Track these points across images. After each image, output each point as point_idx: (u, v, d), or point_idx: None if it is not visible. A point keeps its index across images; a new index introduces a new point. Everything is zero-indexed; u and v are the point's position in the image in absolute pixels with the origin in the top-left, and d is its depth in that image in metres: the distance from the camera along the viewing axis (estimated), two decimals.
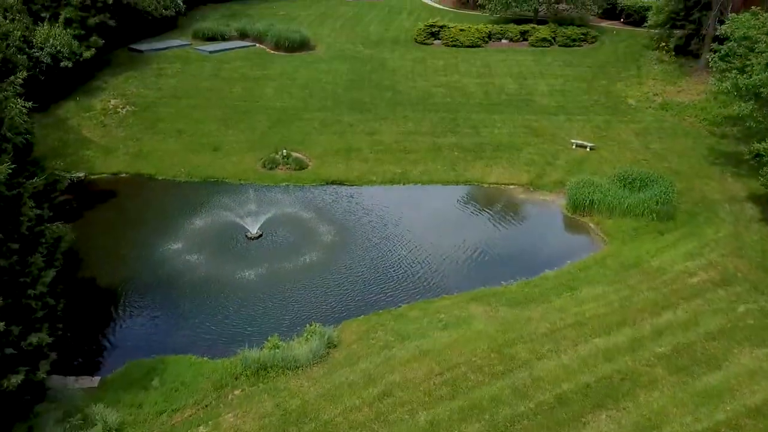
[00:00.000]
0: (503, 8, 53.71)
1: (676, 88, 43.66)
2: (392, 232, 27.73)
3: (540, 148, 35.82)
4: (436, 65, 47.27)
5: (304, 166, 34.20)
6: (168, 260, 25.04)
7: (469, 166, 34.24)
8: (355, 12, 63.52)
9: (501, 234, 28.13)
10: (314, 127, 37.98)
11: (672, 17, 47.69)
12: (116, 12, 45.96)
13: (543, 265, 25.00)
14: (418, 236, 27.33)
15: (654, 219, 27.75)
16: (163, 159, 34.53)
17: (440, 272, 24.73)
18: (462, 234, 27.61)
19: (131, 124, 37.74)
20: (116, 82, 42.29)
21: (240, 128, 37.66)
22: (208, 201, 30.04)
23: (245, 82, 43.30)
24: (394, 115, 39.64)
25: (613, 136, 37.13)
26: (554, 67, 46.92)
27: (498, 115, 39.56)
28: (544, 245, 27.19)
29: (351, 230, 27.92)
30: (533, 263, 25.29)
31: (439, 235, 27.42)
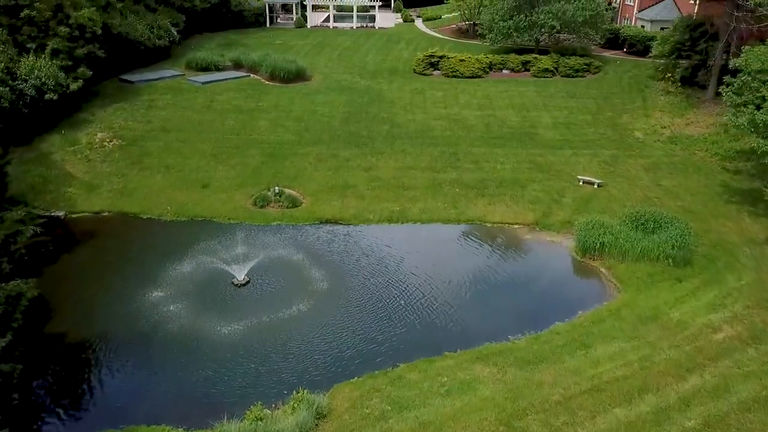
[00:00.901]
0: (504, 38, 52.56)
1: (684, 120, 42.16)
2: (390, 278, 25.83)
3: (545, 184, 34.11)
4: (436, 97, 45.87)
5: (298, 204, 32.45)
6: (146, 312, 23.08)
7: (471, 204, 32.50)
8: (353, 41, 62.48)
9: (506, 280, 26.23)
10: (309, 162, 36.34)
11: (678, 47, 46.54)
12: (106, 42, 44.77)
13: (552, 315, 23.09)
14: (418, 283, 25.44)
15: (670, 264, 25.89)
16: (148, 196, 32.79)
17: (442, 325, 22.78)
18: (465, 279, 25.75)
19: (117, 159, 36.08)
20: (104, 114, 40.77)
21: (231, 163, 36.00)
22: (193, 243, 28.18)
23: (238, 114, 41.79)
24: (391, 149, 38.03)
25: (621, 172, 35.45)
26: (557, 99, 45.50)
27: (500, 149, 37.96)
28: (553, 293, 25.27)
29: (345, 275, 26.03)
30: (542, 314, 23.37)
31: (440, 281, 25.54)
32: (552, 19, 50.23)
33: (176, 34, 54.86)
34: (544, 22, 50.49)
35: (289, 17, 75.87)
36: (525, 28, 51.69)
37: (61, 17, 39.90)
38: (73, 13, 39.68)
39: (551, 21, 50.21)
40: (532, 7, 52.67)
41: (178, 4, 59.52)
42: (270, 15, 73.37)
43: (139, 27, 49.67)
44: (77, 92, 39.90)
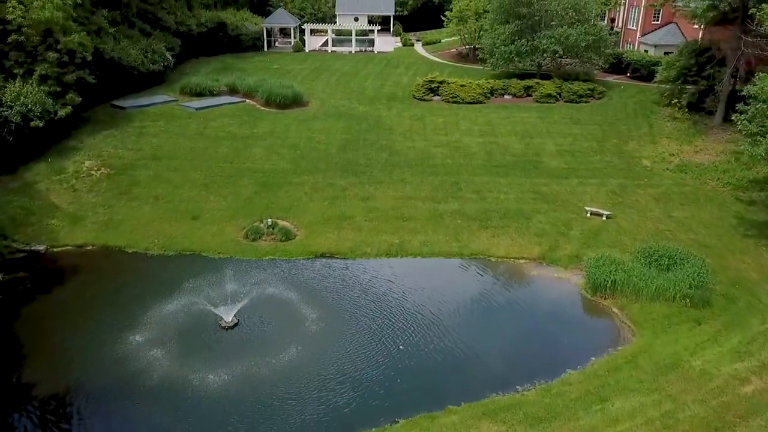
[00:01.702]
0: (505, 63, 51.53)
1: (692, 147, 40.83)
2: (388, 320, 24.14)
3: (551, 216, 32.59)
4: (436, 123, 44.59)
5: (291, 237, 30.87)
6: (124, 358, 21.37)
7: (474, 237, 30.93)
8: (352, 66, 61.50)
9: (513, 321, 24.59)
10: (304, 192, 34.86)
11: (684, 73, 45.46)
12: (98, 67, 43.66)
13: (564, 362, 21.43)
14: (419, 325, 23.77)
15: (688, 305, 24.26)
16: (135, 229, 31.22)
17: (445, 373, 21.07)
18: (469, 321, 24.13)
19: (104, 189, 34.59)
20: (93, 141, 39.40)
21: (223, 194, 34.51)
22: (180, 280, 26.52)
23: (232, 141, 40.44)
24: (390, 178, 36.59)
25: (630, 203, 33.96)
26: (561, 125, 44.22)
27: (503, 179, 36.52)
28: (564, 336, 23.56)
29: (340, 317, 24.34)
30: (552, 360, 21.68)
31: (442, 323, 23.87)
32: (554, 44, 49.23)
33: (171, 58, 53.82)
34: (547, 47, 49.48)
35: (288, 41, 75.17)
36: (527, 52, 50.69)
37: (51, 42, 38.76)
38: (63, 38, 38.51)
39: (554, 46, 49.21)
40: (534, 31, 51.75)
41: (174, 28, 58.66)
42: (268, 39, 72.64)
43: (133, 52, 48.64)
44: (66, 119, 38.69)
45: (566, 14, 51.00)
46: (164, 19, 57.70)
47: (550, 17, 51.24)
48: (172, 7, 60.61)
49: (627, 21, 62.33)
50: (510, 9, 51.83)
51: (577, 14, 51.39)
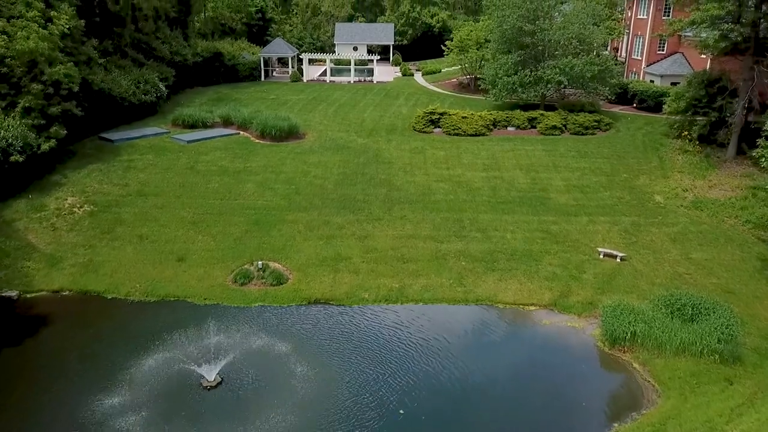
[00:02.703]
0: (509, 94, 49.99)
1: (706, 182, 38.94)
2: (386, 379, 21.89)
3: (562, 257, 30.51)
4: (437, 156, 42.77)
5: (283, 281, 28.74)
6: (95, 425, 19.08)
7: (480, 280, 28.81)
8: (350, 96, 60.06)
9: (524, 380, 22.37)
10: (298, 230, 32.83)
11: (693, 104, 43.80)
12: (87, 98, 42.11)
13: (582, 430, 19.10)
14: (419, 386, 21.52)
15: (717, 360, 22.09)
16: (116, 272, 29.12)
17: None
18: (475, 381, 21.89)
19: (86, 228, 32.56)
20: (78, 176, 37.52)
21: (211, 233, 32.48)
22: (161, 330, 24.36)
23: (223, 176, 38.55)
24: (390, 215, 34.61)
25: (645, 243, 31.91)
26: (568, 159, 42.41)
27: (509, 216, 34.53)
28: (581, 397, 21.31)
29: (334, 373, 22.11)
30: (569, 428, 19.38)
31: (445, 384, 21.67)
32: (559, 75, 47.73)
33: (164, 89, 52.34)
34: (551, 77, 47.97)
35: (285, 71, 73.99)
36: (530, 83, 49.18)
37: (36, 73, 37.15)
38: (48, 69, 36.89)
39: (558, 76, 47.70)
40: (538, 61, 50.34)
41: (169, 58, 57.35)
42: (266, 69, 71.46)
43: (124, 82, 47.15)
44: (50, 152, 36.86)
45: (570, 44, 49.67)
46: (158, 49, 56.42)
47: (554, 47, 49.88)
48: (167, 37, 59.39)
49: (631, 50, 61.10)
50: (513, 39, 50.49)
51: (582, 44, 50.06)
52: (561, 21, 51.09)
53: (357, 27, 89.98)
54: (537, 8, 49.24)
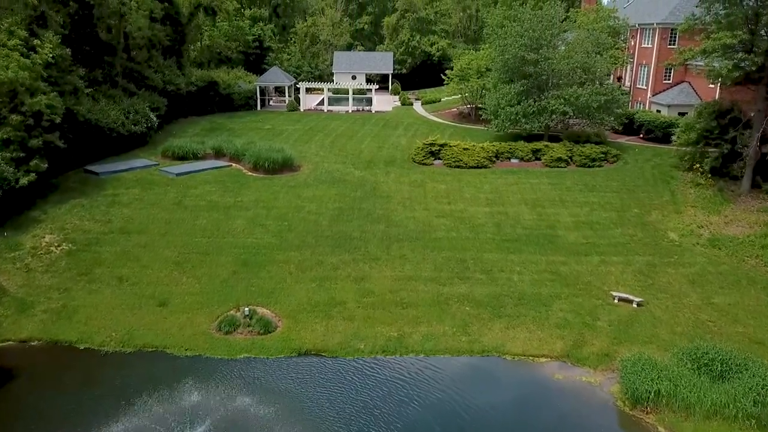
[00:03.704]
0: (512, 124, 48.28)
1: (721, 218, 36.88)
2: None
3: (573, 302, 28.28)
4: (438, 190, 40.79)
5: (272, 329, 26.46)
6: None
7: (486, 328, 26.54)
8: (348, 126, 58.43)
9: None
10: (289, 271, 30.64)
11: (705, 135, 42.01)
12: (72, 130, 40.34)
13: None
14: None
15: (753, 426, 19.74)
16: (92, 318, 26.84)
17: None
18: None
19: (62, 269, 30.37)
20: (58, 212, 35.46)
21: (197, 274, 30.28)
22: (133, 387, 22.04)
23: (212, 212, 36.48)
24: (388, 254, 32.46)
25: (662, 285, 29.71)
26: (575, 192, 40.42)
27: (516, 256, 32.37)
28: None
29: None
30: None
31: None
32: (564, 105, 46.07)
33: (155, 119, 50.65)
34: (556, 107, 46.29)
35: (282, 100, 72.58)
36: (534, 113, 47.50)
37: (17, 103, 35.37)
38: (29, 99, 35.11)
39: (563, 107, 46.03)
40: (541, 91, 48.76)
41: (161, 87, 55.82)
42: (262, 98, 70.06)
43: (112, 113, 45.44)
44: (29, 187, 34.87)
45: (575, 73, 48.16)
46: (151, 78, 54.94)
47: (558, 76, 48.34)
48: (160, 66, 58.03)
49: (636, 80, 59.69)
50: (515, 68, 49.01)
51: (586, 73, 48.55)
52: (564, 50, 49.70)
53: (356, 56, 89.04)
54: (540, 37, 47.85)
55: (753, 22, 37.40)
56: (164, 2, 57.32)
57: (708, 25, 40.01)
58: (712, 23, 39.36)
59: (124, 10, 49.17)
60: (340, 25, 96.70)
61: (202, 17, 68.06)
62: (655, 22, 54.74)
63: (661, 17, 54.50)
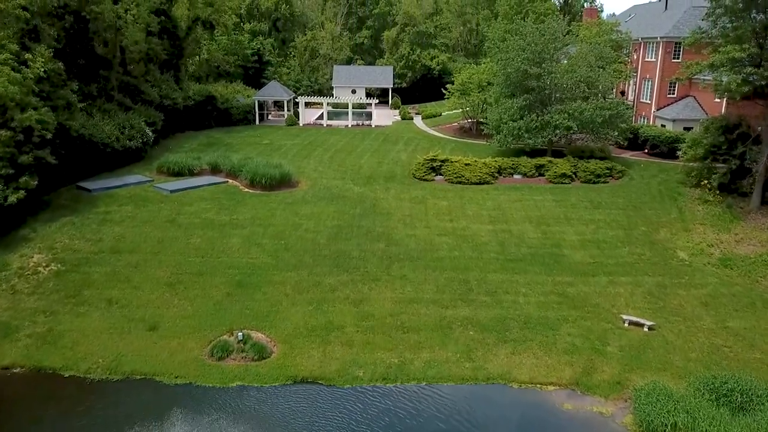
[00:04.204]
0: (514, 139, 47.32)
1: (732, 236, 35.77)
2: None
3: (582, 325, 27.10)
4: (439, 207, 39.71)
5: (266, 355, 25.25)
6: None
7: (491, 354, 25.33)
8: (347, 141, 57.54)
9: None
10: (285, 293, 29.48)
11: (712, 151, 41.05)
12: (64, 145, 39.40)
13: None
14: None
15: None
16: (78, 343, 25.65)
17: None
18: None
19: (50, 290, 29.22)
20: (48, 230, 34.36)
21: (189, 296, 29.12)
22: (117, 420, 20.79)
23: (207, 230, 35.37)
24: (388, 274, 31.31)
25: (674, 308, 28.53)
26: (580, 210, 39.34)
27: (521, 276, 31.22)
28: None
29: None
30: None
31: None
32: (568, 120, 45.13)
33: (150, 134, 49.73)
34: (559, 122, 45.36)
35: (281, 114, 71.80)
36: (537, 128, 46.56)
37: (7, 119, 34.41)
38: (19, 115, 34.15)
39: (567, 122, 45.09)
40: (544, 105, 47.87)
41: (158, 102, 55.01)
42: (260, 112, 69.28)
43: (107, 128, 44.54)
44: (19, 204, 33.76)
45: (578, 88, 47.30)
46: (147, 92, 54.15)
47: (561, 90, 47.48)
48: (156, 81, 57.28)
49: (639, 94, 58.87)
50: (517, 82, 48.16)
51: (590, 87, 47.71)
52: (567, 64, 48.90)
53: (355, 70, 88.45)
54: (542, 51, 47.04)
55: (762, 35, 36.59)
56: (161, 16, 56.68)
57: (714, 39, 39.22)
58: (719, 37, 38.56)
59: (120, 24, 48.41)
60: (340, 39, 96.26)
61: (200, 31, 67.40)
62: (658, 35, 54.01)
63: (664, 31, 53.79)
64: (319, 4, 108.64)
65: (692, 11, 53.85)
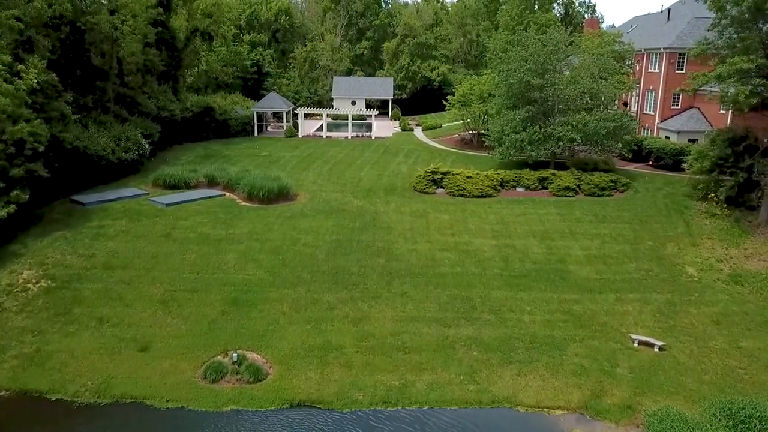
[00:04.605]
0: (516, 152, 46.51)
1: (741, 251, 34.86)
2: None
3: (589, 345, 26.13)
4: (441, 221, 38.81)
5: (262, 377, 24.28)
6: None
7: (495, 376, 24.35)
8: (347, 153, 56.75)
9: None
10: (282, 311, 28.52)
11: (718, 163, 40.20)
12: (58, 158, 38.62)
13: None
14: None
15: None
16: (66, 365, 24.69)
17: None
18: None
19: (39, 308, 28.27)
20: (39, 245, 33.43)
21: (183, 314, 28.16)
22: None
23: (202, 245, 34.44)
24: (388, 291, 30.37)
25: (684, 327, 27.57)
26: (585, 224, 38.43)
27: (525, 293, 30.28)
28: None
29: None
30: None
31: None
32: (571, 132, 44.34)
33: (147, 146, 48.92)
34: (563, 134, 44.57)
35: (280, 126, 71.10)
36: (540, 140, 45.76)
37: None
38: (10, 127, 33.33)
39: (571, 134, 44.30)
40: (547, 117, 47.13)
41: (155, 113, 54.24)
42: (260, 124, 68.56)
43: (102, 140, 43.71)
44: (9, 219, 32.86)
45: (581, 99, 46.57)
46: (144, 103, 53.39)
47: (564, 102, 46.75)
48: (154, 92, 56.56)
49: (642, 105, 58.15)
50: (519, 93, 47.43)
51: (593, 99, 46.98)
52: (570, 75, 48.21)
53: (355, 81, 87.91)
54: (545, 61, 46.36)
55: None
56: (158, 27, 56.06)
57: (721, 50, 38.53)
58: (726, 47, 37.87)
59: (116, 35, 47.71)
60: (340, 50, 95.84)
61: (199, 42, 66.83)
62: (661, 46, 53.37)
63: (668, 42, 53.16)
64: (319, 15, 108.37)
65: (695, 22, 53.27)
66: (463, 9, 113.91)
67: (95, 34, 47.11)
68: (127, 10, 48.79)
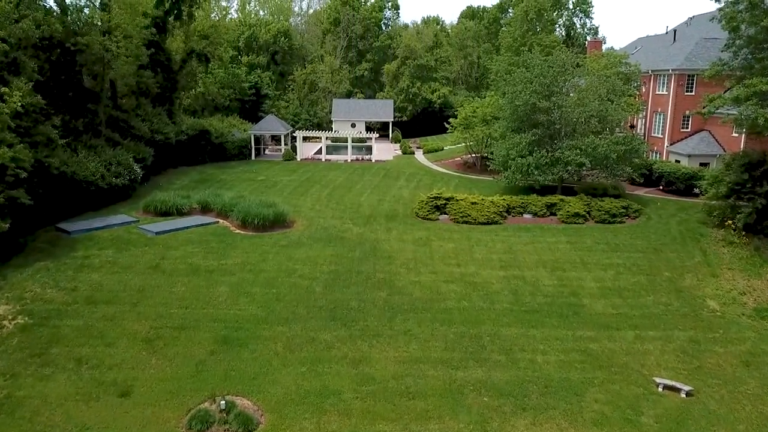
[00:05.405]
0: (523, 177, 44.72)
1: (764, 282, 32.90)
2: None
3: (610, 390, 24.00)
4: (445, 250, 36.84)
5: (252, 427, 22.05)
6: None
7: (508, 425, 22.18)
8: (346, 177, 55.02)
9: None
10: (276, 351, 26.41)
11: (735, 189, 38.43)
12: (43, 184, 36.83)
13: None
14: None
15: None
16: (38, 413, 22.50)
17: None
18: None
19: (13, 349, 26.13)
20: (19, 277, 31.45)
21: (169, 354, 26.04)
22: None
23: (192, 277, 32.44)
24: (390, 329, 28.29)
25: (711, 368, 25.46)
26: (597, 253, 36.46)
27: (538, 330, 28.20)
28: None
29: None
30: None
31: None
32: (580, 156, 42.61)
33: (139, 170, 47.19)
34: (571, 159, 42.83)
35: (279, 149, 69.52)
36: (547, 164, 44.00)
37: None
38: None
39: (579, 158, 42.56)
40: (554, 140, 45.45)
41: (148, 137, 52.62)
42: (257, 147, 66.99)
43: (91, 165, 41.99)
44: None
45: (589, 123, 44.94)
46: (137, 127, 51.82)
47: (572, 125, 45.11)
48: (148, 114, 55.03)
49: (650, 128, 56.59)
50: (525, 116, 45.84)
51: (601, 122, 45.35)
52: (576, 97, 46.66)
53: (355, 103, 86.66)
54: (552, 83, 44.83)
55: None
56: (151, 48, 54.71)
57: (736, 71, 37.01)
58: (742, 68, 36.36)
59: (108, 56, 46.23)
60: (340, 72, 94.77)
61: (195, 64, 65.52)
62: (670, 68, 51.98)
63: (676, 63, 51.78)
64: (319, 37, 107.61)
65: (704, 43, 52.02)
66: (464, 31, 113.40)
67: (87, 55, 45.71)
68: (119, 31, 47.38)
